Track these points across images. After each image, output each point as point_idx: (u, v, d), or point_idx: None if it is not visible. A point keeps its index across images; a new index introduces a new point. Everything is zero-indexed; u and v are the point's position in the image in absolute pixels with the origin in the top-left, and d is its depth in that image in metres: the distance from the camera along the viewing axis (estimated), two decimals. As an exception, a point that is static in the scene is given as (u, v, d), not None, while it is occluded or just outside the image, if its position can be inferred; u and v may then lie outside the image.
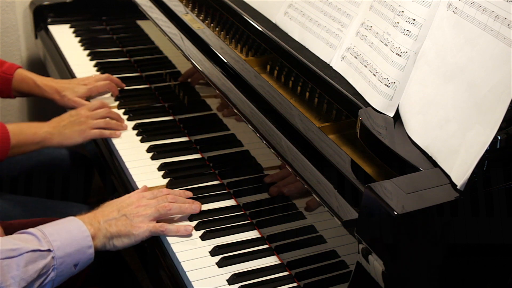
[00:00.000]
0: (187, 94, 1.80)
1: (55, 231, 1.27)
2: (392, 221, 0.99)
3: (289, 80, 1.54)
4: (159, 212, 1.38)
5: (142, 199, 1.41)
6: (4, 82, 1.88)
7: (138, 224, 1.36)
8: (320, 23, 1.47)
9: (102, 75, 1.96)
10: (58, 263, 1.24)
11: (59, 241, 1.25)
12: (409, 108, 1.21)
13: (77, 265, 1.28)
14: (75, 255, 1.27)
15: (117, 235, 1.34)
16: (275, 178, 1.40)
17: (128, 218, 1.36)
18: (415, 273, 1.06)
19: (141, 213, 1.37)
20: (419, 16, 1.23)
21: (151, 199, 1.41)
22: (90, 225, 1.32)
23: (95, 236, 1.32)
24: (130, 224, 1.35)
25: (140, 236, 1.36)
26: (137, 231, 1.35)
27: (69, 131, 1.70)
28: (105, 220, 1.35)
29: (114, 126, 1.75)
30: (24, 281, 1.19)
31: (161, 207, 1.39)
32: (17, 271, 1.17)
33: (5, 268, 1.17)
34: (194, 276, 1.29)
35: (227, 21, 1.78)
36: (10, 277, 1.17)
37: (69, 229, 1.29)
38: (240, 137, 1.55)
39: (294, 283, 1.29)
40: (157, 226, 1.37)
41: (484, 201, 1.06)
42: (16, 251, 1.19)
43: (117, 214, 1.37)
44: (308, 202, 1.29)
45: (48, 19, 2.37)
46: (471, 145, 1.05)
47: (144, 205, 1.39)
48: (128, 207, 1.38)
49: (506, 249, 1.14)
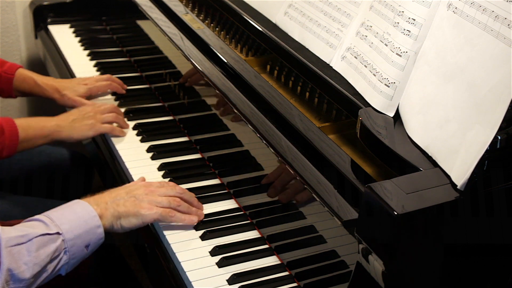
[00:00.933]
0: (187, 94, 1.80)
1: (61, 214, 1.27)
2: (392, 221, 0.99)
3: (289, 80, 1.54)
4: (169, 203, 1.38)
5: (150, 186, 1.41)
6: (6, 81, 1.88)
7: (148, 205, 1.36)
8: (320, 23, 1.47)
9: (103, 75, 1.96)
10: (69, 246, 1.24)
11: (67, 224, 1.25)
12: (409, 108, 1.21)
13: (89, 246, 1.28)
14: (85, 236, 1.27)
15: (125, 215, 1.34)
16: (272, 179, 1.40)
17: (138, 199, 1.36)
18: (415, 273, 1.07)
19: (151, 198, 1.38)
20: (419, 16, 1.23)
21: (159, 187, 1.42)
22: (96, 205, 1.32)
23: (103, 215, 1.32)
24: (139, 205, 1.35)
25: (150, 217, 1.35)
26: (146, 212, 1.35)
27: (79, 125, 1.70)
28: (112, 201, 1.35)
29: (122, 121, 1.76)
30: (38, 266, 1.19)
31: (173, 199, 1.39)
32: (28, 257, 1.18)
33: (16, 255, 1.17)
34: (194, 276, 1.29)
35: (227, 21, 1.78)
36: (23, 263, 1.17)
37: (75, 211, 1.29)
38: (240, 137, 1.55)
39: (294, 283, 1.29)
40: (167, 211, 1.37)
41: (484, 201, 1.06)
42: (25, 237, 1.19)
43: (125, 195, 1.37)
44: (305, 200, 1.29)
45: (48, 19, 2.37)
46: (471, 145, 1.05)
47: (152, 190, 1.40)
48: (137, 190, 1.39)
49: (506, 249, 1.14)
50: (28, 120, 1.69)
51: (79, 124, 1.70)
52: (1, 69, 1.88)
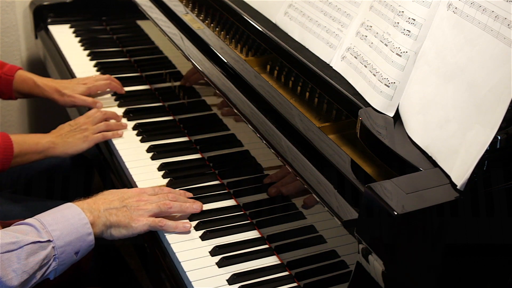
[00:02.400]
0: (187, 94, 1.80)
1: (53, 220, 1.27)
2: (392, 221, 0.99)
3: (289, 80, 1.54)
4: (160, 209, 1.39)
5: (143, 194, 1.42)
6: (5, 83, 1.90)
7: (138, 218, 1.36)
8: (320, 23, 1.47)
9: (103, 75, 1.97)
10: (59, 253, 1.24)
11: (59, 231, 1.25)
12: (409, 108, 1.21)
13: (78, 252, 1.29)
14: (75, 243, 1.27)
15: (116, 225, 1.35)
16: (273, 178, 1.40)
17: (129, 210, 1.37)
18: (415, 273, 1.06)
19: (142, 207, 1.38)
20: (419, 16, 1.23)
21: (152, 195, 1.42)
22: (89, 212, 1.32)
23: (94, 223, 1.32)
24: (130, 216, 1.36)
25: (138, 229, 1.36)
26: (136, 224, 1.36)
27: (72, 139, 1.71)
28: (105, 209, 1.35)
29: (114, 127, 1.76)
30: (26, 274, 1.19)
31: (162, 204, 1.40)
32: (18, 264, 1.17)
33: (5, 262, 1.16)
34: (194, 276, 1.29)
35: (227, 21, 1.78)
36: (12, 271, 1.17)
37: (67, 217, 1.29)
38: (240, 137, 1.55)
39: (294, 283, 1.29)
40: (156, 221, 1.38)
41: (484, 201, 1.06)
42: (16, 244, 1.18)
43: (119, 204, 1.37)
44: (306, 200, 1.29)
45: (48, 19, 2.37)
46: (471, 145, 1.05)
47: (145, 200, 1.40)
48: (130, 199, 1.39)
49: (506, 249, 1.14)
50: (24, 136, 1.70)
51: (72, 139, 1.71)
52: (0, 71, 1.89)
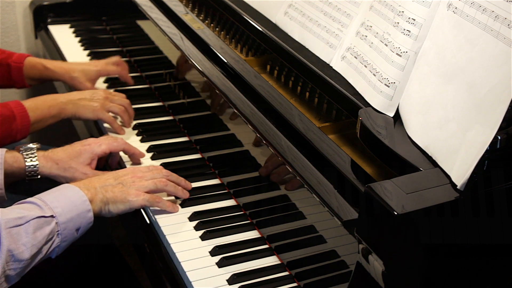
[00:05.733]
0: (187, 94, 1.80)
1: (54, 198, 1.29)
2: (392, 221, 0.99)
3: (289, 80, 1.54)
4: (156, 186, 1.41)
5: (138, 171, 1.44)
6: (16, 71, 1.91)
7: (135, 192, 1.38)
8: (320, 23, 1.47)
9: (113, 58, 1.98)
10: (61, 229, 1.27)
11: (60, 208, 1.28)
12: (409, 108, 1.21)
13: (79, 229, 1.31)
14: (76, 219, 1.29)
15: (113, 201, 1.37)
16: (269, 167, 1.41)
17: (125, 186, 1.39)
18: (415, 273, 1.06)
19: (138, 183, 1.40)
20: (419, 16, 1.23)
21: (146, 172, 1.44)
22: (87, 190, 1.34)
23: (92, 200, 1.34)
24: (126, 191, 1.38)
25: (137, 203, 1.38)
26: (133, 198, 1.38)
27: (83, 104, 1.71)
28: (101, 186, 1.37)
29: (126, 119, 1.76)
30: (35, 247, 1.22)
31: (158, 181, 1.42)
32: (26, 238, 1.20)
33: (15, 236, 1.19)
34: (194, 276, 1.29)
35: (227, 21, 1.78)
36: (22, 244, 1.20)
37: (67, 195, 1.32)
38: (240, 137, 1.55)
39: (294, 283, 1.29)
40: (153, 197, 1.40)
41: (484, 201, 1.06)
42: (23, 219, 1.21)
43: (114, 181, 1.40)
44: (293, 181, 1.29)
45: (48, 19, 2.37)
46: (471, 145, 1.05)
47: (140, 176, 1.42)
48: (124, 176, 1.42)
49: (506, 249, 1.14)
50: (36, 101, 1.69)
51: (84, 103, 1.72)
52: (10, 60, 1.91)
